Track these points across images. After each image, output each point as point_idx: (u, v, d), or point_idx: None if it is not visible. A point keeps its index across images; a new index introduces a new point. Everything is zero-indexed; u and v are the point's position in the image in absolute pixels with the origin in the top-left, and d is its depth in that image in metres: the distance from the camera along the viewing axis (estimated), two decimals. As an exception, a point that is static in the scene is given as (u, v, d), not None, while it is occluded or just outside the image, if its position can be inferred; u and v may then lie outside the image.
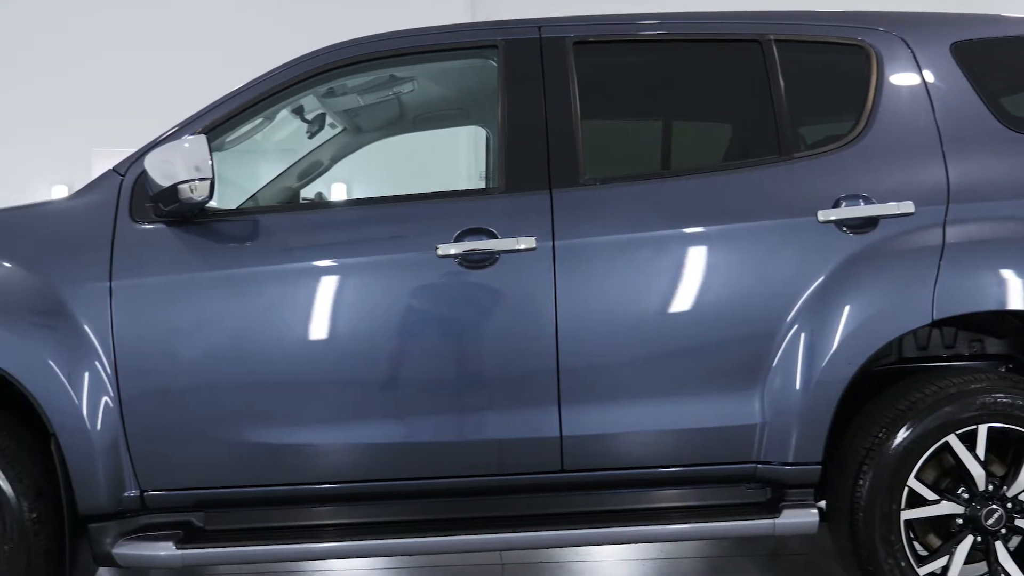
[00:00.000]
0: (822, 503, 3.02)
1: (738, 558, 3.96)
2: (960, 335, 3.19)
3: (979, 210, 2.95)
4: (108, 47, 8.27)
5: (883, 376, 3.08)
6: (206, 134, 2.89)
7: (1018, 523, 2.87)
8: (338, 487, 2.92)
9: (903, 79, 3.10)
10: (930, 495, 2.87)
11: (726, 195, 2.99)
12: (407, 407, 2.90)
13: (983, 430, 2.85)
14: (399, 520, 2.96)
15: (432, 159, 5.93)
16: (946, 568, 2.87)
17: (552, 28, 3.12)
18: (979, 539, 2.87)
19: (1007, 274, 2.90)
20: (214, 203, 2.91)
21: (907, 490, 2.85)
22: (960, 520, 2.87)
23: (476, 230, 2.90)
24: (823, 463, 2.92)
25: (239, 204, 3.58)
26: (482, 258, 2.88)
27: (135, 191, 2.94)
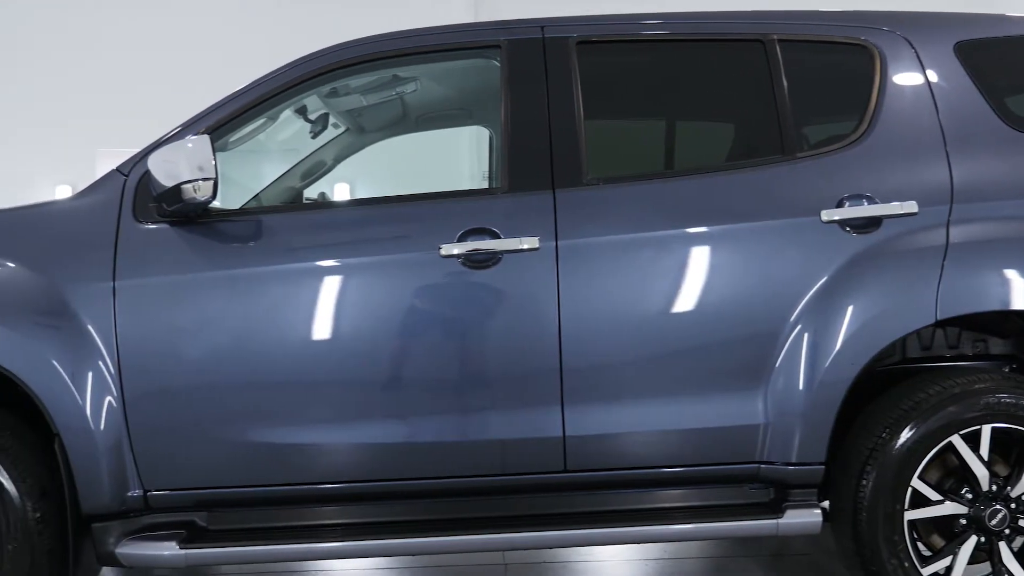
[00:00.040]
0: (825, 503, 3.01)
1: (741, 558, 3.96)
2: (964, 335, 3.19)
3: (983, 210, 2.95)
4: (112, 47, 8.27)
5: (887, 376, 3.08)
6: (209, 134, 2.89)
7: (1022, 523, 2.87)
8: (341, 487, 2.93)
9: (907, 79, 3.09)
10: (934, 495, 2.86)
11: (729, 195, 2.98)
12: (410, 407, 2.90)
13: (987, 430, 2.85)
14: (402, 520, 2.96)
15: (435, 159, 5.92)
16: (950, 568, 2.86)
17: (555, 28, 3.12)
18: (983, 539, 2.86)
19: (1011, 274, 2.89)
20: (217, 203, 2.92)
21: (911, 490, 2.85)
22: (964, 520, 2.87)
23: (479, 230, 2.90)
24: (826, 463, 2.91)
25: (242, 204, 3.57)
26: (485, 258, 2.88)
27: (139, 191, 2.94)
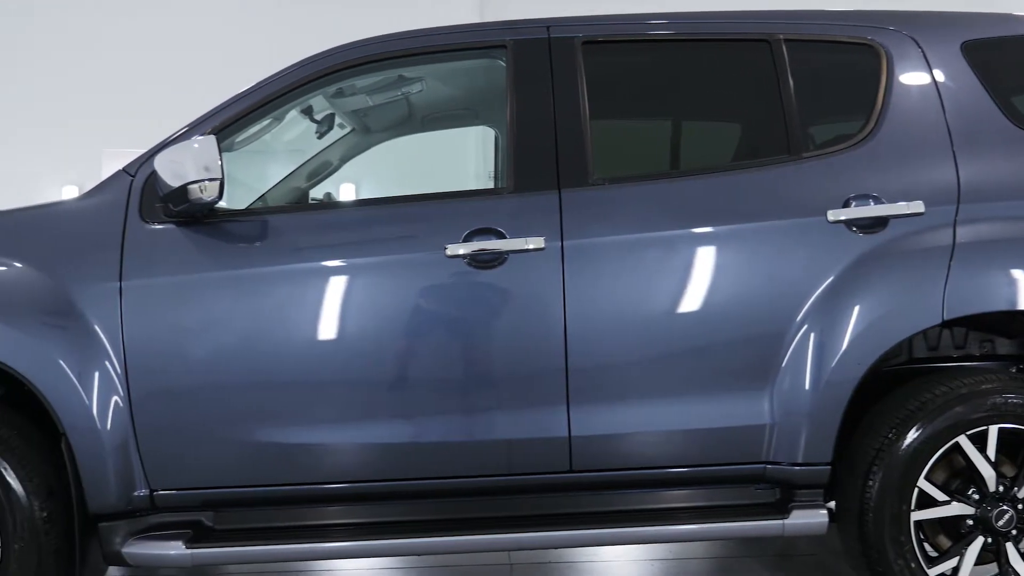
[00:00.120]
0: (831, 504, 3.01)
1: (747, 559, 3.95)
2: (970, 335, 3.18)
3: (990, 210, 2.94)
4: (118, 48, 8.29)
5: (893, 376, 3.07)
6: (216, 134, 2.90)
7: (1029, 524, 2.86)
8: (347, 487, 2.93)
9: (913, 78, 3.08)
10: (940, 496, 2.86)
11: (735, 195, 2.98)
12: (416, 407, 2.90)
13: (994, 431, 2.84)
14: (408, 520, 2.96)
15: (441, 159, 5.92)
16: (956, 569, 2.86)
17: (561, 28, 3.12)
18: (990, 540, 2.86)
19: (1018, 274, 2.89)
20: (223, 203, 2.92)
21: (917, 491, 2.84)
22: (970, 521, 2.86)
23: (485, 230, 2.90)
24: (832, 463, 2.91)
25: (248, 204, 3.58)
26: (491, 258, 2.88)
27: (145, 191, 2.95)
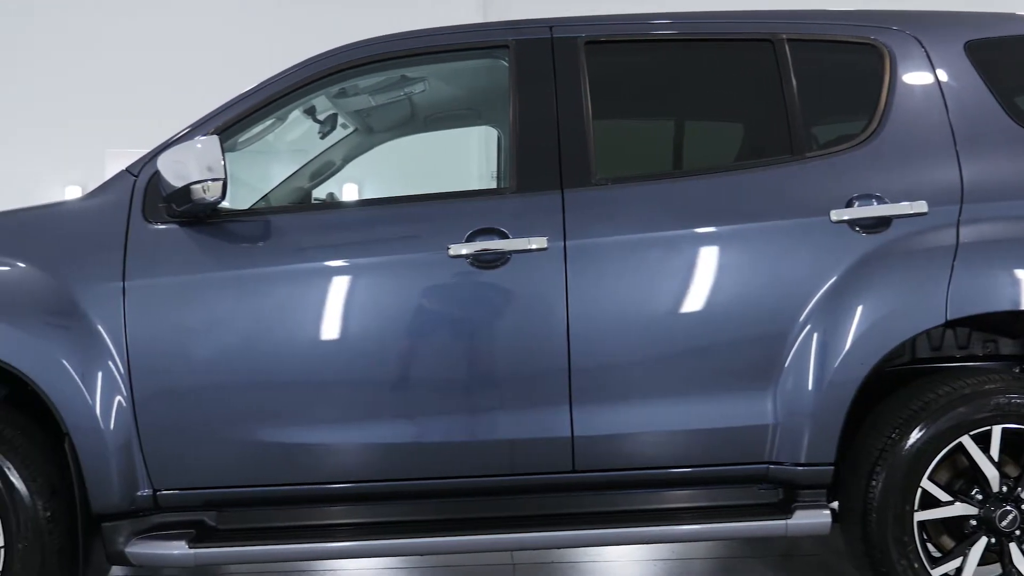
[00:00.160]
0: (835, 504, 3.00)
1: (750, 559, 3.95)
2: (974, 335, 3.18)
3: (993, 210, 2.94)
4: (122, 47, 8.29)
5: (896, 376, 3.07)
6: (219, 135, 2.90)
7: (1033, 524, 2.86)
8: (350, 487, 2.93)
9: (916, 78, 3.08)
10: (944, 496, 2.85)
11: (738, 195, 2.98)
12: (418, 407, 2.90)
13: (997, 431, 2.84)
14: (410, 520, 2.96)
15: (443, 159, 5.92)
16: (960, 570, 2.85)
17: (564, 28, 3.12)
18: (993, 540, 2.85)
19: (1021, 274, 2.88)
20: (226, 203, 2.92)
21: (920, 491, 2.84)
22: (974, 521, 2.86)
23: (488, 230, 2.90)
24: (836, 464, 2.90)
25: (251, 204, 3.58)
26: (494, 258, 2.88)
27: (148, 191, 2.95)
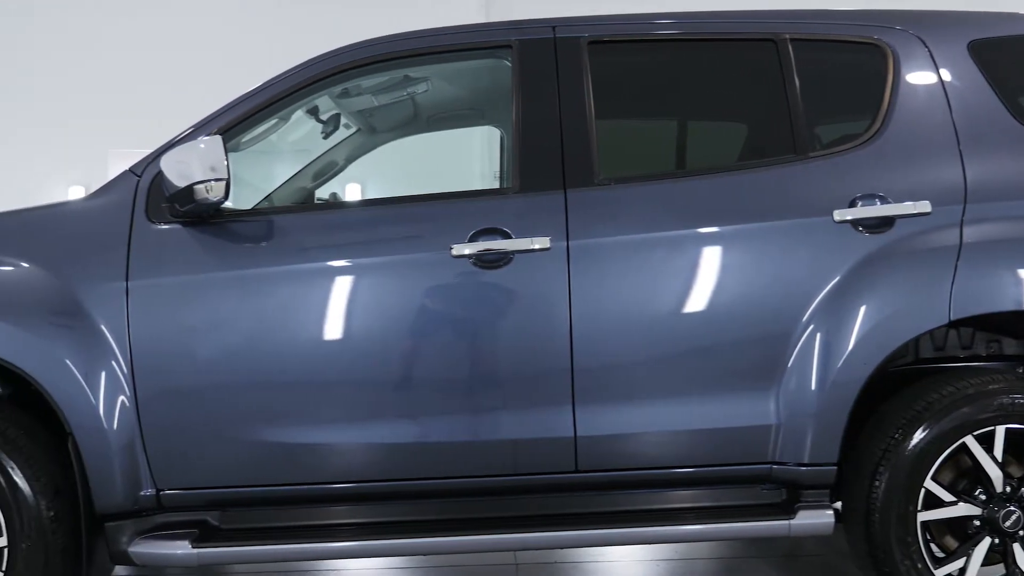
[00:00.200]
0: (838, 504, 3.00)
1: (753, 559, 3.95)
2: (977, 336, 3.17)
3: (997, 210, 2.93)
4: (125, 47, 8.30)
5: (899, 377, 3.06)
6: (222, 135, 2.90)
7: (1036, 525, 2.86)
8: (352, 487, 2.93)
9: (920, 78, 3.08)
10: (947, 496, 2.85)
11: (741, 195, 2.97)
12: (421, 407, 2.91)
13: (1001, 431, 2.83)
14: (413, 520, 2.97)
15: (446, 159, 5.93)
16: (963, 570, 2.85)
17: (566, 28, 3.12)
18: (996, 541, 2.85)
19: (1025, 274, 2.88)
20: (229, 203, 2.93)
21: (924, 491, 2.84)
22: (977, 522, 2.86)
23: (490, 230, 2.90)
24: (839, 464, 2.90)
25: (254, 204, 3.59)
26: (496, 258, 2.88)
27: (151, 191, 2.95)
